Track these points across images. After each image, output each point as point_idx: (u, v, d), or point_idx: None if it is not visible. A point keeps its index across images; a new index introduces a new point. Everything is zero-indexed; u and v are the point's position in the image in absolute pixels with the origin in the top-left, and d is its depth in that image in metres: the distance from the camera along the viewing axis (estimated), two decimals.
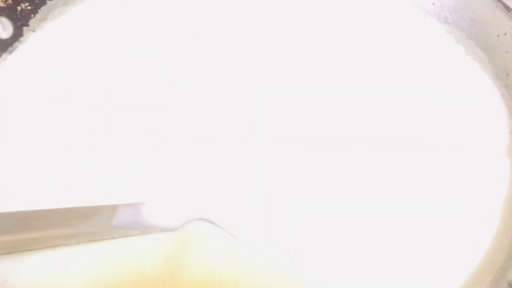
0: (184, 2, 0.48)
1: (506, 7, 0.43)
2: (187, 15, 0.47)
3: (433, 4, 0.47)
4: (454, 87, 0.44)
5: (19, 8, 0.45)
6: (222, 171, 0.40)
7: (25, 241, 0.35)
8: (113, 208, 0.36)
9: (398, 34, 0.47)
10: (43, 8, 0.46)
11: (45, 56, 0.45)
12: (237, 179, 0.40)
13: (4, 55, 0.44)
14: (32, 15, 0.46)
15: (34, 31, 0.46)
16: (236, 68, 0.44)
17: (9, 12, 0.44)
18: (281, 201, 0.39)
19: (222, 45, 0.45)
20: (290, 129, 0.42)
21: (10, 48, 0.45)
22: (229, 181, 0.40)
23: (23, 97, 0.43)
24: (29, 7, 0.45)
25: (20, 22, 0.45)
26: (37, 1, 0.46)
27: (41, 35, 0.46)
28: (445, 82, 0.44)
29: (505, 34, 0.43)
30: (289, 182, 0.39)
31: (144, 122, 0.42)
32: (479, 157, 0.41)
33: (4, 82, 0.44)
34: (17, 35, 0.45)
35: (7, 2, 0.44)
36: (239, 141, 0.41)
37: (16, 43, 0.45)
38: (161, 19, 0.47)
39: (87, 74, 0.44)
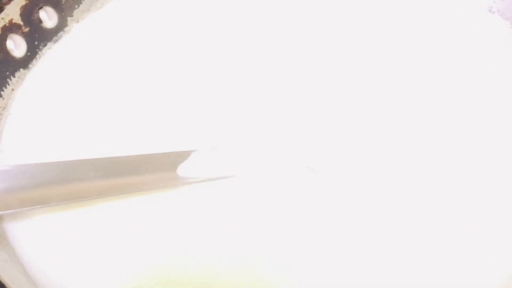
0: None
1: None
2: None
3: None
4: (498, 77, 0.43)
5: None
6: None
7: (90, 189, 0.36)
8: (178, 155, 0.38)
9: (440, 22, 0.46)
10: None
11: (88, 45, 0.46)
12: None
13: (49, 44, 0.46)
14: (76, 6, 0.47)
15: (77, 22, 0.47)
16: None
17: (54, 2, 0.45)
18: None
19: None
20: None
21: (55, 38, 0.46)
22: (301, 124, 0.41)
23: (68, 83, 0.44)
24: None
25: (65, 12, 0.46)
26: None
27: (84, 25, 0.47)
28: (489, 72, 0.43)
29: None
30: None
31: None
32: None
33: (50, 70, 0.45)
34: (62, 25, 0.46)
35: None
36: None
37: (61, 32, 0.46)
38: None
39: (128, 63, 0.45)
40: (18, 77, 0.44)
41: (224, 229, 0.37)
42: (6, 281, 0.31)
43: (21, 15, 0.43)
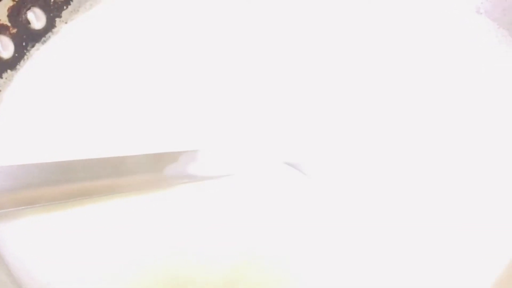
0: None
1: None
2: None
3: None
4: (486, 77, 0.43)
5: None
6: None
7: (78, 190, 0.36)
8: (166, 156, 0.38)
9: (428, 24, 0.46)
10: (75, 0, 0.47)
11: (77, 47, 0.46)
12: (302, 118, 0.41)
13: (37, 45, 0.45)
14: (65, 7, 0.47)
15: (66, 23, 0.47)
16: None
17: (43, 3, 0.45)
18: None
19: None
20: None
21: (43, 39, 0.46)
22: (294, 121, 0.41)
23: (56, 84, 0.44)
24: None
25: (53, 13, 0.46)
26: None
27: (73, 26, 0.47)
28: (477, 73, 0.44)
29: None
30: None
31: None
32: None
33: (38, 71, 0.45)
34: (50, 26, 0.46)
35: None
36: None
37: (49, 33, 0.46)
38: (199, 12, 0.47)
39: (118, 65, 0.45)
40: (6, 78, 0.44)
41: (216, 229, 0.37)
42: None
43: (8, 16, 0.43)
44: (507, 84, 0.43)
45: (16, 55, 0.44)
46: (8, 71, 0.44)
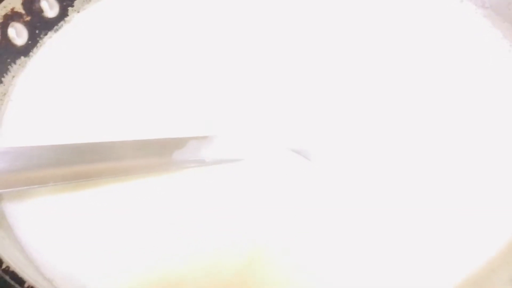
0: None
1: None
2: None
3: None
4: (491, 72, 0.44)
5: None
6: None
7: (88, 171, 0.37)
8: (178, 142, 0.39)
9: (434, 19, 0.47)
10: None
11: (89, 35, 0.47)
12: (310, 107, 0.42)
13: (50, 33, 0.47)
14: None
15: (78, 12, 0.48)
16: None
17: None
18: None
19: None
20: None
21: (55, 27, 0.47)
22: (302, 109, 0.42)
23: (68, 71, 0.45)
24: None
25: (66, 2, 0.47)
26: None
27: (85, 15, 0.48)
28: (482, 67, 0.44)
29: None
30: None
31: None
32: None
33: (50, 58, 0.46)
34: (63, 15, 0.47)
35: None
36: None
37: (62, 22, 0.47)
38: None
39: (127, 53, 0.46)
40: (19, 64, 0.45)
41: (220, 213, 0.38)
42: (3, 257, 0.32)
43: (22, 4, 0.44)
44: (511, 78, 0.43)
45: (30, 42, 0.45)
46: (22, 57, 0.45)
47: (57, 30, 0.47)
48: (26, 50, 0.45)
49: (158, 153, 0.39)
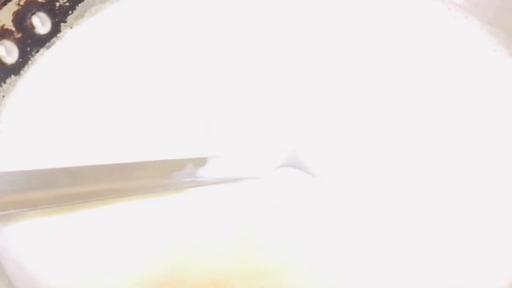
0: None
1: None
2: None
3: (476, 4, 0.46)
4: (496, 90, 0.43)
5: (57, 4, 0.45)
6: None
7: (86, 193, 0.37)
8: (177, 163, 0.39)
9: (437, 35, 0.46)
10: (80, 5, 0.47)
11: (82, 52, 0.46)
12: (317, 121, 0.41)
13: (42, 50, 0.45)
14: (70, 12, 0.46)
15: (71, 28, 0.47)
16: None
17: (48, 8, 0.45)
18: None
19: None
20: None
21: (47, 44, 0.45)
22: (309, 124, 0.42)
23: (61, 90, 0.44)
24: (67, 4, 0.46)
25: (58, 18, 0.46)
26: None
27: (78, 31, 0.47)
28: (487, 85, 0.43)
29: None
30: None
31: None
32: None
33: (42, 77, 0.44)
34: (55, 31, 0.46)
35: None
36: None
37: (54, 38, 0.46)
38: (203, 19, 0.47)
39: (123, 71, 0.44)
40: (9, 83, 0.43)
41: (222, 233, 0.38)
42: None
43: (13, 20, 0.43)
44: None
45: (21, 60, 0.44)
46: (12, 76, 0.43)
47: (49, 47, 0.45)
48: (16, 69, 0.44)
49: (157, 174, 0.39)
